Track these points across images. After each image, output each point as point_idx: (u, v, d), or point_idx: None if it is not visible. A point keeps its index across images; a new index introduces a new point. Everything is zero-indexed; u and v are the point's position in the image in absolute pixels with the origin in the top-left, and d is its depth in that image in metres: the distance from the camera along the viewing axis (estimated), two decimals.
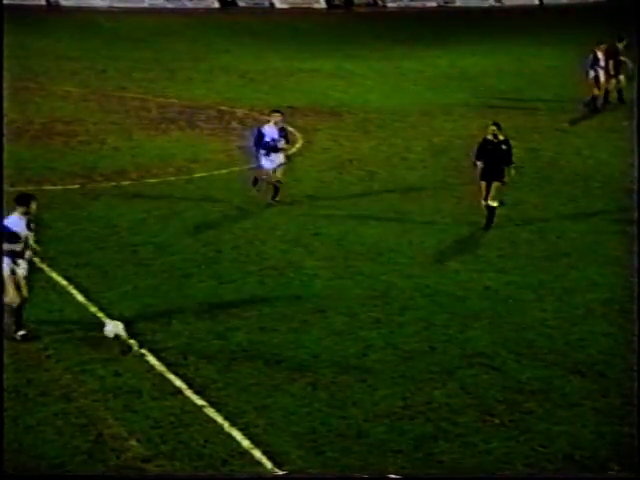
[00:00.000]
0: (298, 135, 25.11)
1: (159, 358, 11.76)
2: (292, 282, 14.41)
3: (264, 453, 9.67)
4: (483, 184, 17.02)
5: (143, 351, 11.97)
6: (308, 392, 10.94)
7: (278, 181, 18.06)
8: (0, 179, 14.55)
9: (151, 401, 10.71)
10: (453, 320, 13.02)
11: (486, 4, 71.75)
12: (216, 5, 70.21)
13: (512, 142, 24.54)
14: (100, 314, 13.07)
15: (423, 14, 64.79)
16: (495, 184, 16.93)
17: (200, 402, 10.70)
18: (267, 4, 71.61)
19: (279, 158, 18.04)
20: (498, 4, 71.48)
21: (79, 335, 12.41)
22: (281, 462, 9.55)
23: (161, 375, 11.35)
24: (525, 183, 20.39)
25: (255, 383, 11.14)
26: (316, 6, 71.39)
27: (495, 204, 16.94)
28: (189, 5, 68.90)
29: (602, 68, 28.81)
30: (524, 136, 25.18)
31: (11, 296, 12.06)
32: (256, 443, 9.83)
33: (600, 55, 28.83)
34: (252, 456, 9.65)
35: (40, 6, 50.32)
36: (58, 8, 51.68)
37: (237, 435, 10.00)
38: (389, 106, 29.37)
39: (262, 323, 12.86)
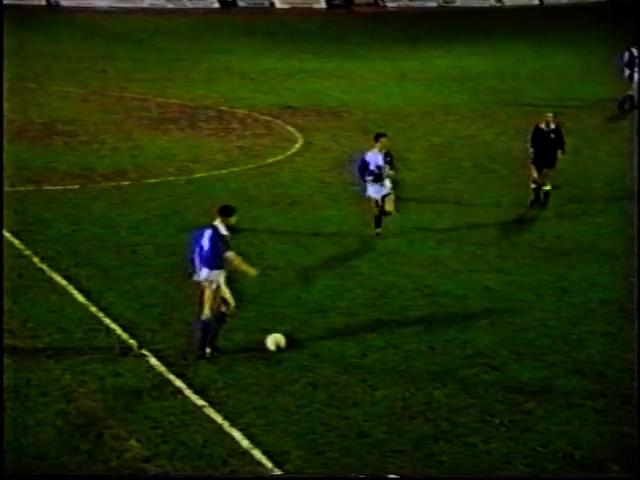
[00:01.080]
0: (298, 135, 25.11)
1: (159, 358, 11.76)
2: (292, 282, 14.41)
3: (264, 453, 9.67)
4: (534, 169, 18.37)
5: (143, 351, 11.97)
6: (308, 392, 10.94)
7: (386, 212, 16.47)
8: (0, 179, 14.60)
9: (151, 401, 10.71)
10: (453, 320, 13.02)
11: (486, 4, 71.74)
12: (216, 5, 70.17)
13: (513, 142, 24.66)
14: (100, 314, 13.08)
15: (423, 14, 64.78)
16: (545, 171, 18.33)
17: (200, 402, 10.70)
18: (267, 4, 71.59)
19: (385, 187, 16.47)
20: (498, 4, 71.47)
21: (79, 335, 12.41)
22: (281, 462, 9.55)
23: (161, 375, 11.35)
24: (525, 183, 20.37)
25: (255, 383, 11.14)
26: (316, 6, 71.39)
27: (549, 187, 18.38)
28: (189, 5, 68.84)
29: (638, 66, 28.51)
30: (524, 136, 25.17)
31: (210, 311, 11.69)
32: (256, 443, 9.83)
33: (636, 53, 28.55)
34: (252, 456, 9.65)
35: (40, 6, 50.34)
36: (58, 8, 51.70)
37: (237, 435, 10.00)
38: (389, 106, 29.37)
39: (262, 323, 12.86)
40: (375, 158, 16.49)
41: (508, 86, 33.24)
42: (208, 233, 12.14)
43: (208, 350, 11.75)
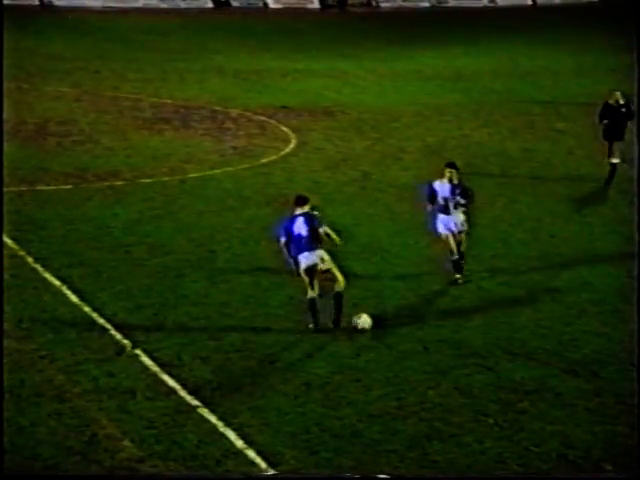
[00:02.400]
0: (292, 135, 25.11)
1: (153, 358, 11.75)
2: (286, 282, 14.39)
3: (258, 453, 9.67)
4: (607, 144, 19.88)
5: (137, 351, 11.96)
6: (302, 392, 10.94)
7: (460, 255, 14.43)
8: (0, 179, 14.72)
9: (145, 401, 10.70)
10: (447, 320, 13.03)
11: (479, 4, 71.81)
12: (210, 5, 70.09)
13: (506, 142, 24.69)
14: (94, 314, 13.06)
15: (416, 14, 64.81)
16: (616, 143, 19.75)
17: (194, 402, 10.70)
18: (261, 4, 71.53)
19: (457, 221, 14.50)
20: (491, 4, 71.53)
21: (73, 335, 12.40)
22: (275, 462, 9.55)
23: (155, 375, 11.34)
24: (519, 183, 20.43)
25: (249, 383, 11.14)
26: (310, 6, 71.37)
27: (617, 161, 19.64)
28: (183, 5, 68.74)
29: None
30: (518, 136, 25.23)
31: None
32: (250, 443, 9.83)
33: None
34: (246, 456, 9.65)
35: (34, 6, 50.26)
36: (52, 8, 51.64)
37: (231, 435, 10.00)
38: (383, 106, 29.38)
39: (256, 323, 12.86)
40: (443, 188, 14.57)
41: (501, 86, 33.28)
42: (301, 220, 12.97)
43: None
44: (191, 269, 14.91)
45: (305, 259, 12.84)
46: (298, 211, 13.18)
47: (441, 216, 14.54)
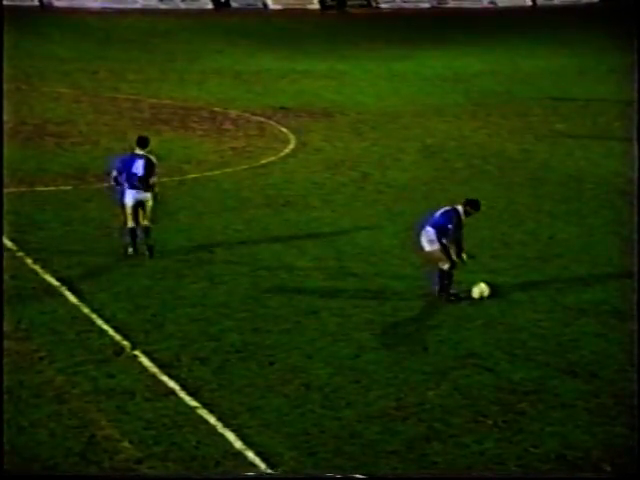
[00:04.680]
0: (291, 136, 25.12)
1: (152, 359, 11.74)
2: (285, 283, 14.41)
3: (257, 454, 9.66)
4: None
5: (136, 352, 11.96)
6: (301, 393, 10.93)
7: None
8: (0, 179, 14.88)
9: (144, 402, 10.69)
10: (446, 321, 13.03)
11: (479, 5, 71.84)
12: (209, 6, 70.11)
13: (505, 143, 24.68)
14: (93, 315, 13.06)
15: (416, 15, 64.84)
16: None
17: (193, 403, 10.69)
18: (260, 5, 71.56)
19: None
20: (491, 5, 71.56)
21: (72, 337, 12.39)
22: (274, 463, 9.54)
23: (154, 376, 11.34)
24: (518, 184, 20.43)
25: (248, 384, 11.14)
26: (309, 7, 71.39)
27: None
28: (182, 6, 68.75)
29: None
30: (517, 137, 25.24)
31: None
32: (249, 444, 9.83)
33: None
34: (245, 457, 9.65)
35: (33, 7, 50.29)
36: (51, 9, 51.65)
37: (230, 436, 9.99)
38: (382, 107, 29.39)
39: (255, 324, 12.86)
40: None
41: (501, 87, 33.29)
42: (142, 162, 15.18)
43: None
44: (190, 270, 14.91)
45: (133, 196, 15.13)
46: (138, 151, 15.33)
47: None
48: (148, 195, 15.38)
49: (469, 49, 43.64)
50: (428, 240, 13.67)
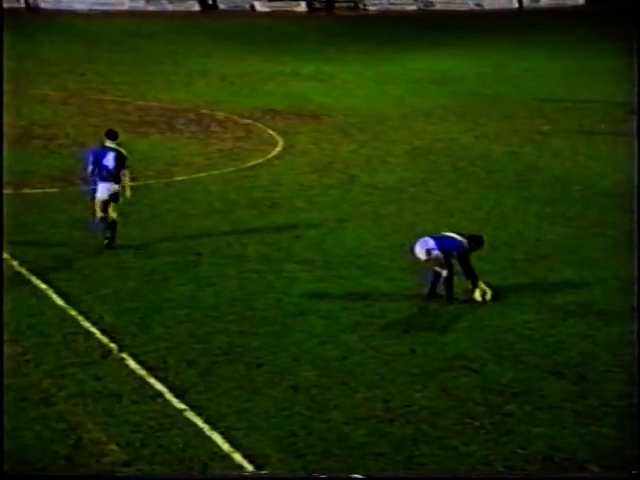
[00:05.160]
0: (278, 138, 25.12)
1: (139, 362, 11.71)
2: (272, 285, 14.40)
3: (245, 457, 9.65)
4: None
5: (123, 355, 11.93)
6: (289, 395, 10.93)
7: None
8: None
9: (131, 405, 10.67)
10: (434, 323, 13.04)
11: (466, 7, 72.05)
12: (196, 8, 70.05)
13: (492, 145, 24.74)
14: (80, 318, 13.02)
15: (403, 17, 64.95)
16: None
17: (180, 406, 10.67)
18: (248, 7, 71.55)
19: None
20: (478, 7, 71.76)
21: (58, 339, 12.35)
22: (261, 465, 9.53)
23: (141, 379, 11.31)
24: (505, 186, 20.49)
25: (236, 387, 11.12)
26: (297, 9, 71.46)
27: None
28: (170, 8, 68.66)
29: None
30: (504, 139, 25.32)
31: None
32: (236, 447, 9.81)
33: None
34: (233, 459, 9.63)
35: (19, 9, 50.13)
36: (37, 11, 51.50)
37: (217, 439, 9.98)
38: (369, 109, 29.44)
39: (242, 326, 12.85)
40: None
41: (488, 89, 33.39)
42: (112, 155, 15.61)
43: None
44: (177, 272, 14.88)
45: (105, 188, 15.59)
46: (108, 143, 15.76)
47: None
48: (118, 187, 15.73)
49: (456, 51, 43.76)
50: (426, 249, 13.50)
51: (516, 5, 73.30)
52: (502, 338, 12.47)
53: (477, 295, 13.70)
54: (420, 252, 13.62)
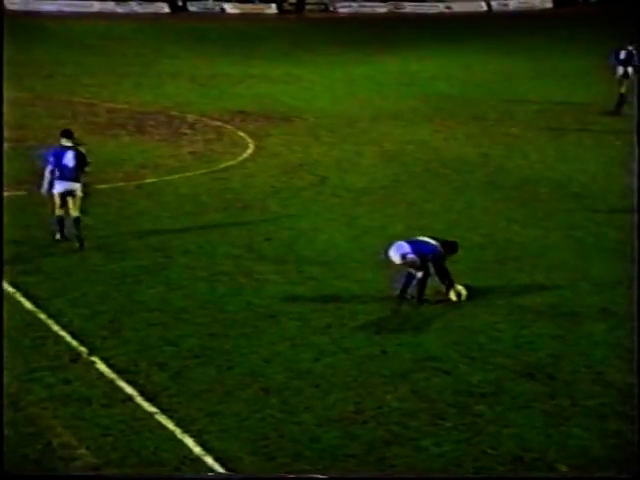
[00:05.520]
0: (249, 140, 25.09)
1: (109, 365, 11.64)
2: (243, 287, 14.38)
3: (216, 459, 9.62)
4: None
5: (93, 358, 11.85)
6: (260, 398, 10.91)
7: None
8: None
9: (101, 409, 10.60)
10: (405, 324, 13.08)
11: (436, 10, 72.33)
12: (166, 10, 69.74)
13: (462, 147, 24.87)
14: (49, 321, 12.92)
15: (373, 20, 65.11)
16: None
17: (151, 409, 10.62)
18: (218, 9, 71.35)
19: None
20: (447, 10, 72.06)
21: (27, 343, 12.25)
22: (233, 468, 9.51)
23: (111, 382, 11.24)
24: (475, 187, 20.59)
25: (207, 389, 11.09)
26: (267, 11, 71.35)
27: None
28: (139, 10, 68.31)
29: (633, 66, 29.35)
30: (473, 141, 25.45)
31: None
32: (208, 449, 9.78)
33: (635, 52, 29.31)
34: (204, 462, 9.60)
35: None
36: (4, 12, 51.05)
37: (189, 442, 9.94)
38: (339, 111, 29.48)
39: (213, 329, 12.81)
40: None
41: (457, 91, 33.57)
42: (72, 154, 15.97)
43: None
44: (148, 275, 14.82)
45: (63, 186, 15.88)
46: (65, 142, 16.12)
47: None
48: (78, 186, 15.98)
49: (425, 53, 43.96)
50: (401, 253, 13.56)
51: (485, 8, 73.70)
52: (472, 339, 12.52)
53: (452, 296, 13.76)
54: (395, 256, 13.67)
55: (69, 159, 15.94)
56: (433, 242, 13.84)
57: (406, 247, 13.64)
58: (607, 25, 56.21)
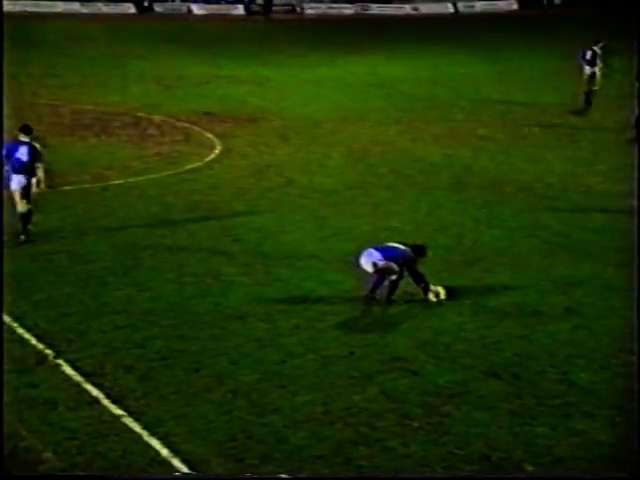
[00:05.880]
0: (216, 141, 25.03)
1: (75, 368, 11.57)
2: (211, 289, 14.34)
3: (183, 462, 9.59)
4: None
5: (59, 361, 11.76)
6: (228, 399, 10.89)
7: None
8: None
9: (67, 412, 10.53)
10: (372, 325, 13.11)
11: (402, 12, 72.57)
12: (132, 10, 69.35)
13: (429, 148, 24.98)
14: (14, 324, 12.81)
15: (340, 21, 65.20)
16: None
17: (118, 412, 10.56)
18: (185, 10, 71.04)
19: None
20: (414, 12, 72.30)
21: None
22: (201, 470, 9.48)
23: (78, 385, 11.17)
24: (441, 188, 20.69)
25: (174, 391, 11.05)
26: (234, 12, 71.17)
27: None
28: (105, 10, 67.86)
29: (598, 65, 29.95)
30: (440, 142, 25.57)
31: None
32: (175, 452, 9.75)
33: (599, 52, 29.92)
34: (171, 465, 9.56)
35: None
36: None
37: (156, 444, 9.90)
38: (307, 113, 29.50)
39: (181, 331, 12.76)
40: None
41: (424, 93, 33.71)
42: (26, 148, 16.10)
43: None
44: (114, 277, 14.73)
45: (19, 180, 16.03)
46: (22, 138, 16.29)
47: None
48: (33, 180, 16.16)
49: (392, 55, 44.10)
50: (372, 262, 13.53)
51: (451, 10, 74.10)
52: (439, 340, 12.58)
53: (431, 297, 13.77)
54: (366, 265, 13.71)
55: (22, 153, 16.08)
56: (402, 247, 13.89)
57: (375, 254, 13.67)
58: (571, 26, 56.75)
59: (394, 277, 13.63)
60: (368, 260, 13.65)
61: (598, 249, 16.47)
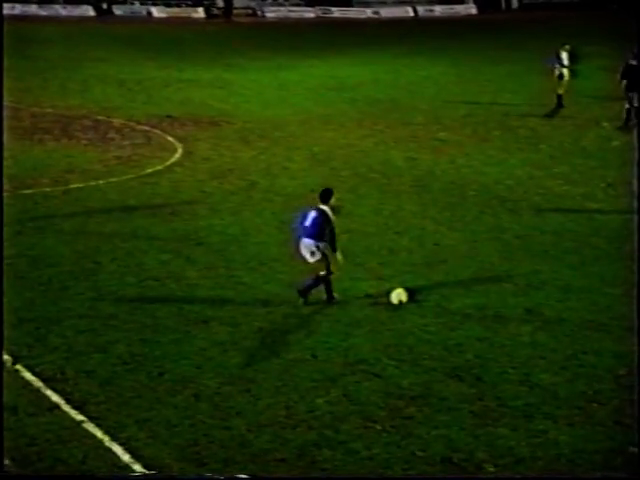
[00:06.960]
0: (177, 145, 24.93)
1: (35, 374, 11.46)
2: (173, 293, 14.28)
3: (145, 467, 9.54)
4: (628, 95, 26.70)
5: (18, 367, 11.65)
6: (191, 404, 10.85)
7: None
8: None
9: (27, 418, 10.43)
10: (335, 328, 13.14)
11: (363, 15, 72.84)
12: (91, 13, 68.82)
13: (391, 151, 25.10)
14: None
15: (301, 24, 65.28)
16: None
17: (79, 417, 10.48)
18: (145, 13, 70.67)
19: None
20: (375, 16, 72.60)
21: None
22: None
23: (38, 391, 11.07)
24: (403, 191, 20.78)
25: (136, 396, 10.99)
26: (195, 15, 70.98)
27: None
28: (63, 13, 67.31)
29: (566, 67, 30.35)
30: (402, 145, 25.69)
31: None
32: (137, 457, 9.69)
33: (564, 55, 30.34)
34: (133, 471, 9.51)
35: None
36: None
37: (118, 450, 9.83)
38: (269, 116, 29.49)
39: (143, 335, 12.70)
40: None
41: (385, 96, 33.83)
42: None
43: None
44: (75, 281, 14.62)
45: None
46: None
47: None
48: None
49: (353, 58, 44.21)
50: (310, 252, 13.77)
51: (412, 14, 74.49)
52: (402, 342, 12.64)
53: (394, 298, 13.82)
54: (307, 254, 13.77)
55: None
56: (317, 210, 13.80)
57: (310, 244, 13.69)
58: (529, 30, 57.30)
59: (322, 273, 13.69)
60: (306, 251, 13.76)
61: (558, 251, 16.64)
